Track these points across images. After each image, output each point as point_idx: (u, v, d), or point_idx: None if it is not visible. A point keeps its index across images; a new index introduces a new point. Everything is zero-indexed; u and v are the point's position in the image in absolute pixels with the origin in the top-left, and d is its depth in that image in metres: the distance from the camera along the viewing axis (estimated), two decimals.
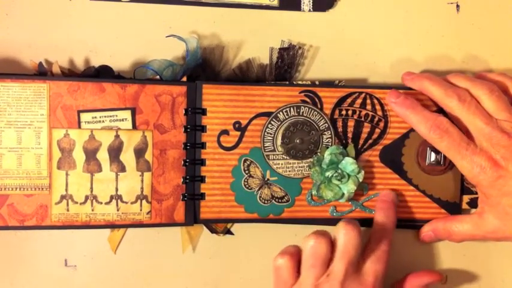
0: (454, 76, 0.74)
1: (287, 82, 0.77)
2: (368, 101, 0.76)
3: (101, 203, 0.73)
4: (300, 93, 0.75)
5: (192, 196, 0.74)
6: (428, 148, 0.76)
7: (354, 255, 0.69)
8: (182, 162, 0.74)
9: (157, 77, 0.74)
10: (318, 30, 0.78)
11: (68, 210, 0.72)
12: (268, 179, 0.75)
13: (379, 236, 0.72)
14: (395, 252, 0.78)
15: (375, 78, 0.79)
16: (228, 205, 0.75)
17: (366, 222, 0.77)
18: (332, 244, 0.70)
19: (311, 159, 0.75)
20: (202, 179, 0.74)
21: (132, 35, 0.76)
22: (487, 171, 0.70)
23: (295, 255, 0.71)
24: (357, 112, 0.76)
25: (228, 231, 0.77)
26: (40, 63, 0.74)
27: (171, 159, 0.74)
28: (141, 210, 0.73)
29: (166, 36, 0.76)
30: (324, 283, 0.68)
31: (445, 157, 0.75)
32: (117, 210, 0.73)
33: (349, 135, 0.76)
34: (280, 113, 0.75)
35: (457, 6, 0.80)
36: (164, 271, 0.77)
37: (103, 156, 0.73)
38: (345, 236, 0.69)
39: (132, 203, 0.73)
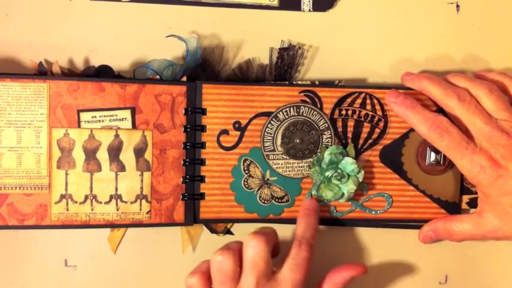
0: (454, 76, 0.75)
1: (287, 82, 0.77)
2: (368, 101, 0.76)
3: (101, 202, 0.73)
4: (299, 93, 0.75)
5: (192, 196, 0.74)
6: (428, 148, 0.76)
7: (263, 267, 0.67)
8: (182, 162, 0.74)
9: (157, 77, 0.74)
10: (318, 30, 0.78)
11: (67, 209, 0.72)
12: (268, 179, 0.75)
13: (298, 243, 0.70)
14: (395, 252, 0.78)
15: (374, 78, 0.79)
16: (228, 205, 0.75)
17: (366, 222, 0.77)
18: (240, 257, 0.69)
19: (311, 159, 0.75)
20: (202, 179, 0.74)
21: (132, 35, 0.76)
22: (486, 171, 0.70)
23: (207, 273, 0.69)
24: (357, 112, 0.76)
25: (228, 231, 0.77)
26: (40, 63, 0.74)
27: (170, 159, 0.74)
28: (140, 209, 0.73)
29: (167, 36, 0.76)
30: None
31: (444, 157, 0.75)
32: (117, 209, 0.73)
33: (349, 135, 0.76)
34: (280, 112, 0.75)
35: (457, 6, 0.79)
36: (164, 271, 0.77)
37: (103, 155, 0.73)
38: (253, 248, 0.68)
39: (131, 202, 0.73)
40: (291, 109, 0.75)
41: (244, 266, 0.68)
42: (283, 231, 0.77)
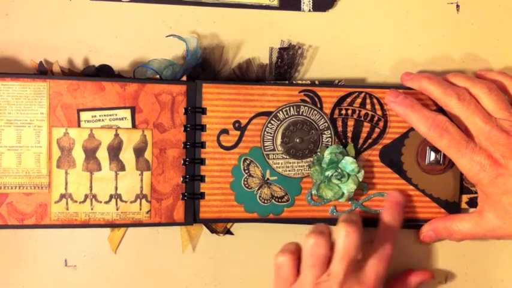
0: (454, 75, 0.75)
1: (287, 82, 0.77)
2: (368, 101, 0.76)
3: (101, 202, 0.73)
4: (299, 92, 0.75)
5: (192, 195, 0.74)
6: (427, 147, 0.76)
7: (354, 256, 0.69)
8: (182, 161, 0.74)
9: (157, 76, 0.74)
10: (318, 30, 0.78)
11: (67, 209, 0.72)
12: (268, 179, 0.75)
13: (384, 237, 0.72)
14: (395, 252, 0.78)
15: (374, 78, 0.79)
16: (228, 205, 0.75)
17: (367, 222, 0.76)
18: (331, 243, 0.70)
19: (311, 159, 0.75)
20: (202, 179, 0.74)
21: (132, 35, 0.76)
22: (486, 169, 0.70)
23: (296, 253, 0.71)
24: (357, 112, 0.76)
25: (228, 231, 0.77)
26: (40, 62, 0.74)
27: (170, 159, 0.74)
28: (140, 209, 0.73)
29: (166, 36, 0.76)
30: (324, 282, 0.68)
31: (444, 156, 0.75)
32: (117, 209, 0.73)
33: (349, 134, 0.76)
34: (280, 112, 0.75)
35: (457, 6, 0.80)
36: (164, 271, 0.77)
37: (102, 155, 0.73)
38: (345, 237, 0.69)
39: (131, 202, 0.73)
40: (291, 109, 0.75)
41: (336, 252, 0.69)
42: (283, 231, 0.77)
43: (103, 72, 0.75)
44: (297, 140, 0.75)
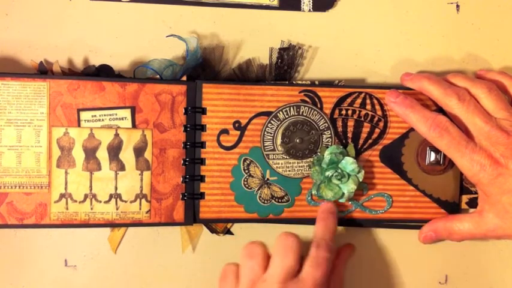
0: (453, 76, 0.75)
1: (287, 82, 0.77)
2: (368, 101, 0.76)
3: (100, 201, 0.73)
4: (299, 92, 0.75)
5: (192, 195, 0.74)
6: (428, 148, 0.76)
7: (292, 260, 0.68)
8: (182, 161, 0.74)
9: (157, 76, 0.74)
10: (318, 30, 0.78)
11: (67, 208, 0.72)
12: (268, 179, 0.75)
13: (317, 244, 0.70)
14: (395, 252, 0.78)
15: (374, 78, 0.79)
16: (228, 205, 0.75)
17: (366, 223, 0.77)
18: (267, 253, 0.70)
19: (311, 159, 0.75)
20: (201, 179, 0.74)
21: (132, 35, 0.76)
22: (487, 169, 0.70)
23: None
24: (357, 112, 0.76)
25: (228, 231, 0.77)
26: (41, 62, 0.74)
27: (170, 159, 0.74)
28: (140, 209, 0.73)
29: (167, 36, 0.76)
30: (262, 283, 0.67)
31: (444, 157, 0.76)
32: (117, 209, 0.73)
33: (349, 135, 0.76)
34: (280, 112, 0.75)
35: (457, 6, 0.80)
36: (164, 271, 0.77)
37: (102, 154, 0.73)
38: (285, 240, 0.69)
39: (131, 202, 0.73)
40: (291, 109, 0.75)
41: (274, 256, 0.69)
42: (283, 231, 0.77)
43: (103, 72, 0.75)
44: (297, 140, 0.75)
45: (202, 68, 0.76)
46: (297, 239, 0.69)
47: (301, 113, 0.75)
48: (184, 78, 0.75)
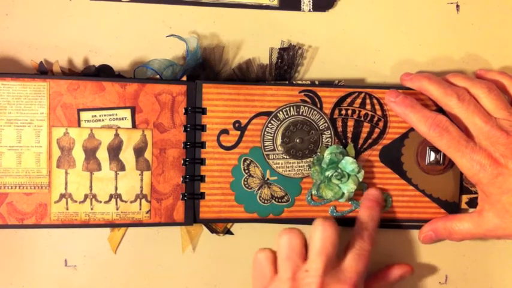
0: (453, 76, 0.75)
1: (287, 82, 0.77)
2: (367, 101, 0.76)
3: (100, 202, 0.73)
4: (299, 92, 0.75)
5: (192, 195, 0.74)
6: (427, 148, 0.76)
7: (331, 252, 0.68)
8: (182, 161, 0.74)
9: (157, 76, 0.74)
10: (318, 30, 0.78)
11: (67, 209, 0.72)
12: (268, 179, 0.75)
13: (361, 234, 0.72)
14: (395, 252, 0.78)
15: (374, 78, 0.79)
16: (228, 205, 0.75)
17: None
18: (305, 240, 0.70)
19: (311, 159, 0.75)
20: (202, 179, 0.74)
21: (132, 35, 0.76)
22: (486, 169, 0.70)
23: (275, 252, 0.71)
24: (357, 112, 0.76)
25: (228, 231, 0.77)
26: (41, 62, 0.74)
27: (170, 159, 0.74)
28: (140, 209, 0.73)
29: (167, 36, 0.76)
30: (303, 279, 0.67)
31: (444, 157, 0.76)
32: (117, 209, 0.73)
33: (349, 134, 0.76)
34: (280, 112, 0.75)
35: (457, 6, 0.80)
36: (164, 271, 0.77)
37: (102, 155, 0.73)
38: (322, 233, 0.69)
39: (131, 202, 0.73)
40: (291, 109, 0.75)
41: (313, 247, 0.69)
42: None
43: (103, 72, 0.75)
44: (297, 140, 0.75)
45: (202, 68, 0.76)
46: (335, 228, 0.69)
47: (301, 113, 0.75)
48: (184, 78, 0.75)
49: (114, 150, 0.73)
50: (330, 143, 0.75)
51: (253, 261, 0.71)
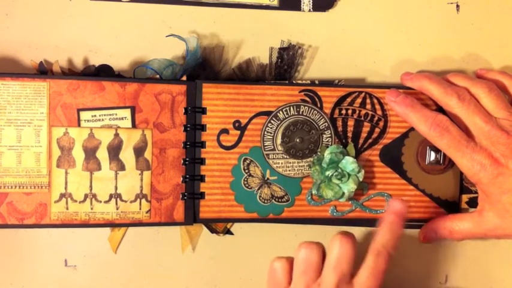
0: (454, 75, 0.75)
1: (287, 82, 0.77)
2: (368, 101, 0.76)
3: (100, 201, 0.73)
4: (299, 92, 0.75)
5: (192, 195, 0.74)
6: (428, 147, 0.76)
7: (346, 269, 0.66)
8: (182, 161, 0.74)
9: (157, 76, 0.74)
10: (318, 30, 0.78)
11: (67, 208, 0.72)
12: (268, 179, 0.75)
13: (378, 253, 0.67)
14: (395, 252, 0.78)
15: (374, 78, 0.79)
16: (228, 204, 0.75)
17: (366, 222, 0.77)
18: (323, 254, 0.68)
19: (311, 159, 0.75)
20: (202, 178, 0.74)
21: (132, 35, 0.76)
22: (487, 169, 0.70)
23: (292, 261, 0.69)
24: (357, 111, 0.76)
25: (228, 231, 0.77)
26: (41, 62, 0.74)
27: (170, 158, 0.74)
28: (140, 209, 0.73)
29: (166, 36, 0.76)
30: (316, 287, 0.67)
31: (444, 156, 0.76)
32: (117, 209, 0.73)
33: (349, 134, 0.76)
34: (280, 112, 0.75)
35: (457, 6, 0.80)
36: (164, 271, 0.77)
37: (102, 154, 0.73)
38: (340, 248, 0.67)
39: (131, 201, 0.73)
40: (291, 108, 0.75)
41: (328, 261, 0.67)
42: (283, 231, 0.77)
43: (103, 72, 0.75)
44: (297, 140, 0.75)
45: (202, 68, 0.76)
46: (353, 245, 0.67)
47: (301, 113, 0.75)
48: (184, 78, 0.75)
49: (114, 150, 0.73)
50: (330, 143, 0.75)
51: (269, 269, 0.70)
